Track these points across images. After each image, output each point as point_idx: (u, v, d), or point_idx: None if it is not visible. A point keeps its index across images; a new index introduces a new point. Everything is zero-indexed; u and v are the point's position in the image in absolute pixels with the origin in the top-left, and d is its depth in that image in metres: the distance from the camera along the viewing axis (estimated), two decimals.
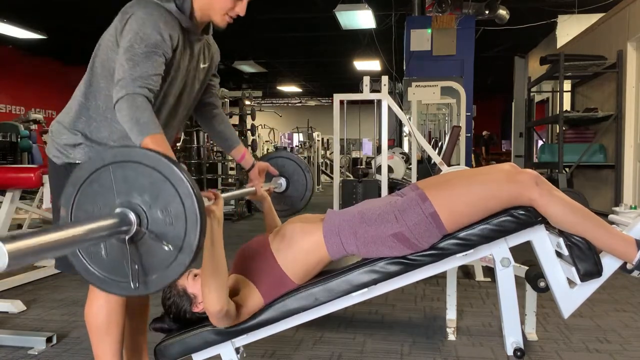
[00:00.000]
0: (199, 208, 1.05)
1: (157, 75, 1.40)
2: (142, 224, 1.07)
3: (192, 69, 1.62)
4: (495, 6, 6.99)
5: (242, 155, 1.88)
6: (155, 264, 1.09)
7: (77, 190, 1.12)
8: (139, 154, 1.08)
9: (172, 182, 1.06)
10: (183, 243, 1.06)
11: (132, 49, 1.38)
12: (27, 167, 3.16)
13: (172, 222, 1.06)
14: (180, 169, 1.07)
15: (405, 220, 1.50)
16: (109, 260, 1.12)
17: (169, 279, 1.09)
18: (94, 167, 1.10)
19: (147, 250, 1.08)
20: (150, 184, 1.07)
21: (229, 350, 1.59)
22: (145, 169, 1.07)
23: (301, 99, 20.33)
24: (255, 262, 1.60)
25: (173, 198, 1.06)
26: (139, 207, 1.07)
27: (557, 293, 1.57)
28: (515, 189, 1.49)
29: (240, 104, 7.56)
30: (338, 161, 4.39)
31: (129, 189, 1.08)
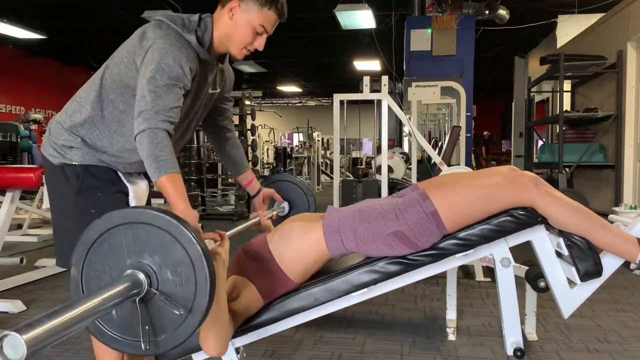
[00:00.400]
0: (208, 271, 1.07)
1: (178, 108, 1.41)
2: (152, 284, 1.09)
3: (201, 96, 1.62)
4: (495, 6, 6.99)
5: (250, 182, 1.89)
6: (165, 324, 1.10)
7: (88, 250, 1.13)
8: (149, 216, 1.10)
9: (182, 243, 1.07)
10: (193, 305, 1.08)
11: (155, 80, 1.37)
12: (27, 167, 3.16)
13: (182, 283, 1.08)
14: (189, 230, 1.08)
15: (406, 219, 1.50)
16: (120, 320, 1.13)
17: (178, 340, 1.11)
18: (105, 227, 1.12)
19: (157, 310, 1.10)
20: (161, 245, 1.08)
21: (229, 350, 1.59)
22: (156, 230, 1.08)
23: (301, 99, 20.34)
24: (253, 262, 1.60)
25: (183, 259, 1.07)
26: (149, 268, 1.09)
27: (557, 293, 1.57)
28: (515, 191, 1.49)
29: (240, 104, 7.56)
30: (338, 161, 4.39)
31: (140, 249, 1.09)
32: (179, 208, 1.29)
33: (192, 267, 1.07)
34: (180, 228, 1.07)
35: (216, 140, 1.88)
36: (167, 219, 1.08)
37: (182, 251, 1.07)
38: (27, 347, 0.73)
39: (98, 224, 1.13)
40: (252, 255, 1.62)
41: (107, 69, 1.51)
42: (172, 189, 1.32)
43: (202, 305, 1.07)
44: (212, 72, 1.62)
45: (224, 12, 1.51)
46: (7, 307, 2.87)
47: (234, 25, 1.51)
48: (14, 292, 3.27)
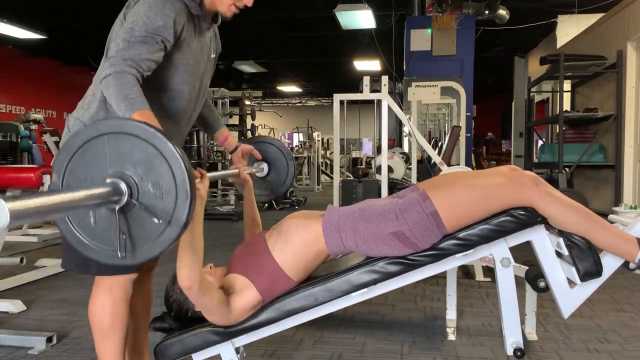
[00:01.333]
0: (189, 185, 1.07)
1: (150, 61, 1.40)
2: (132, 195, 1.09)
3: (206, 58, 1.63)
4: (495, 6, 6.99)
5: (225, 138, 1.90)
6: (143, 235, 1.11)
7: (71, 158, 1.13)
8: (134, 127, 1.10)
9: (166, 157, 1.08)
10: (172, 217, 1.08)
11: (132, 30, 1.39)
12: (27, 167, 3.16)
13: (162, 196, 1.08)
14: (174, 146, 1.08)
15: (406, 219, 1.50)
16: (98, 228, 1.14)
17: (155, 251, 1.11)
18: (89, 136, 1.12)
19: (136, 221, 1.10)
20: (144, 157, 1.08)
21: (229, 350, 1.59)
22: (140, 142, 1.09)
23: (301, 99, 20.34)
24: (251, 259, 1.59)
25: (165, 173, 1.08)
26: (131, 179, 1.09)
27: (557, 293, 1.57)
28: (515, 191, 1.49)
29: (240, 104, 7.57)
30: (338, 161, 4.39)
31: (122, 160, 1.09)
32: None
33: (173, 181, 1.07)
34: (164, 141, 1.08)
35: None
36: (152, 131, 1.09)
37: (165, 164, 1.07)
38: (10, 214, 0.78)
39: (83, 132, 1.13)
40: (250, 253, 1.62)
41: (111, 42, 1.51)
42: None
43: (181, 218, 1.08)
44: (209, 33, 1.63)
45: None
46: (7, 307, 2.87)
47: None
48: (14, 292, 3.27)
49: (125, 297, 1.56)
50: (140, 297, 1.76)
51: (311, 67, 13.36)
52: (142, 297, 1.78)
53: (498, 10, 7.04)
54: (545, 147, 6.58)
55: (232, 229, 6.11)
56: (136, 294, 1.67)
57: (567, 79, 6.58)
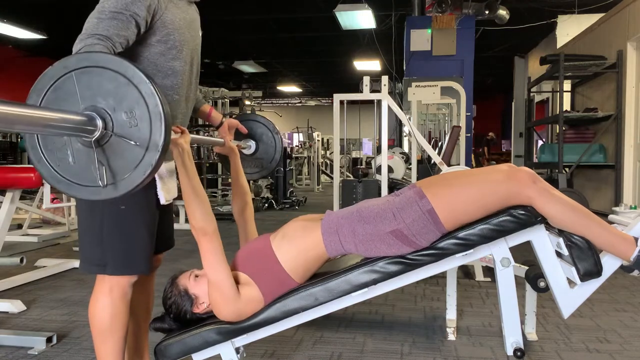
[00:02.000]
0: (162, 108, 1.08)
1: (121, 36, 1.39)
2: (107, 127, 1.10)
3: (194, 33, 1.64)
4: (495, 6, 6.99)
5: (209, 113, 1.91)
6: (123, 165, 1.11)
7: (42, 99, 1.13)
8: (101, 58, 1.10)
9: (136, 84, 1.08)
10: (149, 143, 1.09)
11: (102, 7, 1.39)
12: (27, 167, 3.15)
13: (137, 124, 1.09)
14: (143, 72, 1.09)
15: (403, 218, 1.50)
16: (77, 166, 1.14)
17: (137, 179, 1.11)
18: (57, 74, 1.12)
19: (114, 152, 1.11)
20: (114, 88, 1.09)
21: (229, 350, 1.59)
22: (109, 73, 1.09)
23: (301, 99, 20.34)
24: (256, 260, 1.60)
25: (137, 100, 1.09)
26: (104, 111, 1.10)
27: (557, 293, 1.57)
28: (513, 187, 1.49)
29: (240, 104, 7.57)
30: (338, 161, 4.39)
31: (93, 94, 1.10)
32: None
33: (146, 107, 1.08)
34: (133, 69, 1.08)
35: None
36: (119, 60, 1.10)
37: (136, 91, 1.08)
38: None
39: (51, 71, 1.13)
40: (255, 254, 1.62)
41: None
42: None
43: (158, 141, 1.08)
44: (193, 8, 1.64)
45: None
46: (7, 307, 2.87)
47: None
48: (14, 292, 3.27)
49: (125, 298, 1.56)
50: (141, 297, 1.76)
51: (311, 67, 13.36)
52: (143, 298, 1.78)
53: (498, 10, 7.04)
54: (545, 147, 6.58)
55: (232, 229, 6.10)
56: (137, 295, 1.67)
57: (567, 79, 6.59)
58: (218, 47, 10.38)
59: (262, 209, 7.94)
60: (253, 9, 7.84)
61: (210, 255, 1.50)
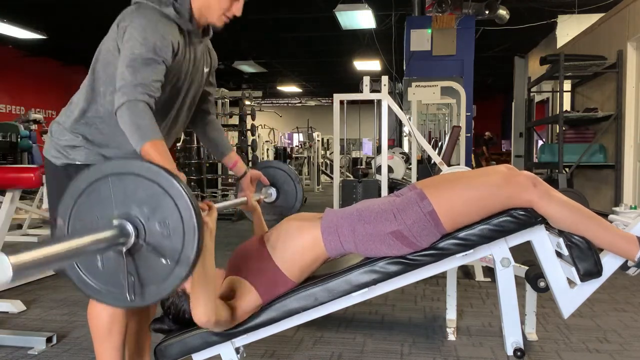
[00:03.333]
0: (197, 222, 1.06)
1: (157, 82, 1.41)
2: (139, 236, 1.08)
3: (195, 73, 1.62)
4: (495, 6, 6.99)
5: (235, 163, 1.88)
6: (151, 276, 1.09)
7: (75, 201, 1.12)
8: (138, 167, 1.09)
9: (171, 195, 1.06)
10: (180, 256, 1.06)
11: (133, 55, 1.38)
12: (27, 167, 3.16)
13: (169, 234, 1.07)
14: (179, 183, 1.07)
15: (404, 219, 1.50)
16: (105, 272, 1.12)
17: (165, 291, 1.09)
18: (93, 178, 1.10)
19: (144, 262, 1.09)
20: (149, 196, 1.07)
21: (229, 350, 1.59)
22: (145, 182, 1.07)
23: (301, 99, 20.33)
24: (251, 262, 1.59)
25: (171, 211, 1.06)
26: (137, 219, 1.08)
27: (557, 293, 1.57)
28: (513, 191, 1.49)
29: (240, 104, 7.56)
30: (338, 161, 4.39)
31: (128, 201, 1.08)
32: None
33: (180, 219, 1.06)
34: (170, 179, 1.07)
35: (198, 123, 1.87)
36: (156, 169, 1.08)
37: (171, 203, 1.06)
38: (13, 269, 0.77)
39: (87, 174, 1.11)
40: (249, 256, 1.61)
41: (97, 62, 1.51)
42: (157, 155, 1.32)
43: (190, 256, 1.06)
44: (201, 47, 1.63)
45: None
46: (7, 307, 2.87)
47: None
48: (14, 292, 3.27)
49: None
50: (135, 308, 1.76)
51: (311, 67, 13.36)
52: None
53: (498, 10, 7.04)
54: (545, 147, 6.57)
55: (232, 229, 6.11)
56: None
57: (567, 79, 6.58)
58: (218, 47, 10.33)
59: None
60: (253, 9, 7.83)
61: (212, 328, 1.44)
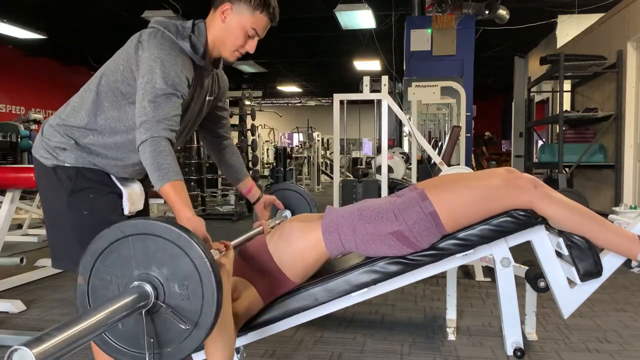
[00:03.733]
0: (216, 286, 1.07)
1: (177, 116, 1.41)
2: (159, 297, 1.09)
3: (199, 102, 1.63)
4: (495, 6, 6.99)
5: (250, 189, 1.88)
6: (170, 337, 1.10)
7: (96, 260, 1.12)
8: (160, 228, 1.09)
9: (191, 257, 1.07)
10: (199, 319, 1.08)
11: (154, 90, 1.38)
12: (27, 167, 3.15)
13: (189, 297, 1.08)
14: (199, 245, 1.08)
15: (405, 219, 1.50)
16: (125, 331, 1.13)
17: (183, 353, 1.10)
18: (114, 238, 1.11)
19: (162, 323, 1.10)
20: (169, 257, 1.08)
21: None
22: (165, 243, 1.08)
23: (301, 99, 20.33)
24: (252, 263, 1.59)
25: (191, 273, 1.07)
26: (157, 280, 1.09)
27: (557, 293, 1.57)
28: (514, 194, 1.50)
29: (240, 104, 7.56)
30: (338, 161, 4.39)
31: (148, 261, 1.09)
32: (184, 216, 1.29)
33: (199, 282, 1.07)
34: (190, 242, 1.07)
35: (214, 148, 1.88)
36: (177, 231, 1.08)
37: (191, 265, 1.07)
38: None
39: (108, 234, 1.12)
40: (251, 257, 1.62)
41: (104, 77, 1.50)
42: (175, 197, 1.32)
43: (208, 320, 1.07)
44: (209, 78, 1.63)
45: (216, 15, 1.52)
46: (7, 307, 2.87)
47: (226, 28, 1.52)
48: (14, 292, 3.27)
49: None
50: None
51: (311, 67, 13.36)
52: None
53: (498, 10, 7.03)
54: (545, 147, 6.57)
55: (232, 229, 6.11)
56: None
57: (567, 79, 6.58)
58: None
59: None
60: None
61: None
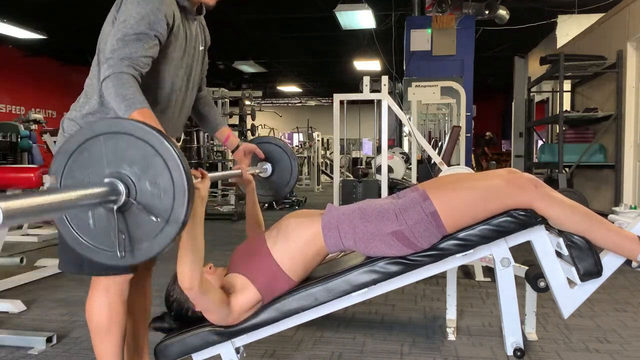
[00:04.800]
0: (187, 182, 1.08)
1: (147, 57, 1.41)
2: (130, 194, 1.10)
3: (193, 50, 1.64)
4: (495, 6, 6.99)
5: (227, 137, 1.90)
6: (142, 234, 1.11)
7: (68, 159, 1.14)
8: (130, 126, 1.10)
9: (162, 155, 1.08)
10: (170, 216, 1.09)
11: (125, 29, 1.39)
12: (27, 167, 3.15)
13: (160, 194, 1.09)
14: (170, 144, 1.09)
15: (405, 219, 1.50)
16: (97, 230, 1.14)
17: (154, 250, 1.11)
18: (86, 136, 1.12)
19: (134, 221, 1.11)
20: (141, 156, 1.09)
21: (229, 350, 1.59)
22: (137, 142, 1.09)
23: (301, 99, 20.33)
24: (251, 259, 1.60)
25: (162, 171, 1.08)
26: (128, 178, 1.10)
27: (557, 293, 1.57)
28: (515, 194, 1.50)
29: (240, 104, 7.57)
30: (338, 161, 4.39)
31: (119, 160, 1.10)
32: None
33: (170, 179, 1.08)
34: (162, 140, 1.08)
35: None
36: (148, 130, 1.09)
37: (162, 163, 1.08)
38: (3, 214, 0.78)
39: (80, 133, 1.14)
40: (250, 253, 1.62)
41: (100, 45, 1.52)
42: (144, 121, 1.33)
43: (180, 216, 1.08)
44: (195, 24, 1.64)
45: None
46: (7, 307, 2.87)
47: None
48: (14, 292, 3.27)
49: (121, 297, 1.56)
50: (139, 297, 1.76)
51: (311, 67, 13.36)
52: (140, 298, 1.78)
53: (498, 10, 7.04)
54: (545, 147, 6.57)
55: (232, 229, 6.11)
56: (134, 295, 1.67)
57: (567, 79, 6.58)
58: (218, 47, 10.36)
59: (262, 209, 7.91)
60: (253, 9, 7.84)
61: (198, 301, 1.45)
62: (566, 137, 6.04)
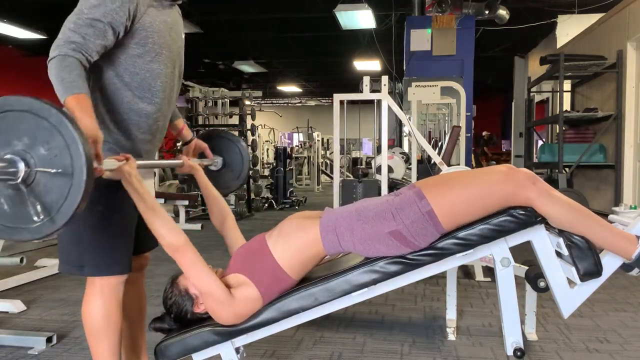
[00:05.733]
0: (75, 131, 1.11)
1: (97, 44, 1.42)
2: (29, 165, 1.13)
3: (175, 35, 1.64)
4: (495, 6, 6.99)
5: (181, 130, 1.93)
6: (55, 197, 1.13)
7: None
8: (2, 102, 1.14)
9: (44, 117, 1.12)
10: (73, 168, 1.11)
11: (80, 13, 1.40)
12: None
13: (56, 154, 1.12)
14: (45, 102, 1.12)
15: (402, 218, 1.50)
16: (13, 211, 1.16)
17: (72, 207, 1.13)
18: None
19: (42, 188, 1.14)
20: (25, 126, 1.13)
21: (229, 350, 1.59)
22: (15, 114, 1.13)
23: (301, 99, 20.33)
24: (252, 259, 1.60)
25: (50, 131, 1.12)
26: (22, 152, 1.13)
27: (557, 293, 1.57)
28: (512, 188, 1.49)
29: (240, 104, 7.56)
30: (338, 161, 4.39)
31: (7, 137, 1.14)
32: (83, 122, 1.28)
33: (59, 135, 1.11)
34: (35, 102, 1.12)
35: None
36: (17, 98, 1.13)
37: (46, 123, 1.12)
38: None
39: None
40: (250, 253, 1.62)
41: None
42: (77, 107, 1.34)
43: (81, 165, 1.11)
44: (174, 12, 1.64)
45: None
46: (7, 307, 2.87)
47: None
48: (14, 292, 3.27)
49: (116, 298, 1.56)
50: (134, 298, 1.76)
51: (311, 67, 13.35)
52: (135, 299, 1.78)
53: (498, 10, 7.04)
54: (545, 147, 6.58)
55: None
56: (129, 296, 1.67)
57: (567, 79, 6.58)
58: (218, 47, 10.37)
59: (262, 209, 7.94)
60: (253, 9, 7.83)
61: (190, 268, 1.50)
62: (566, 137, 6.04)
